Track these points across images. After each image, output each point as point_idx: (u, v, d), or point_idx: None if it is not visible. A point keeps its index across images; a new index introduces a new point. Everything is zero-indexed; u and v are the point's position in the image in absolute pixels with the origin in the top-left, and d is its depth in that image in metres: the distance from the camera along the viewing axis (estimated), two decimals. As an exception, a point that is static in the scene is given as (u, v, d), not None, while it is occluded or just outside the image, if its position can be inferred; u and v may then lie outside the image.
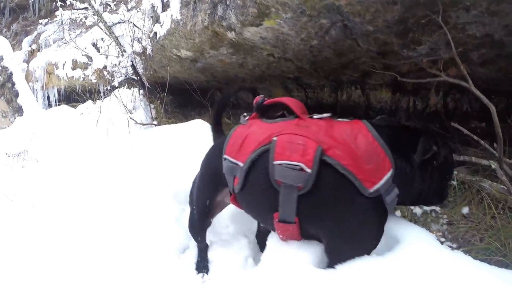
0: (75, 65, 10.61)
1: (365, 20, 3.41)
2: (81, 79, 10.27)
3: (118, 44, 7.09)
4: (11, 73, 8.02)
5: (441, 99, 5.23)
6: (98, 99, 10.03)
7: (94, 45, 10.29)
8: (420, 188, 1.96)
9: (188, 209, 2.95)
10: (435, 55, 3.62)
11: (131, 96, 7.48)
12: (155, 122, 6.51)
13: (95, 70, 9.97)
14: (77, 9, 7.46)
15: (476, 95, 2.79)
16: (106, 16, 6.95)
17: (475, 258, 1.84)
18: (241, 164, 2.03)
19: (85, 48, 10.22)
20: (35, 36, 14.13)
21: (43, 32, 13.79)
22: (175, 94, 7.55)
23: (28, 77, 12.36)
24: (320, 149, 1.79)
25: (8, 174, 6.02)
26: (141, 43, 7.06)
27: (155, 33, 6.21)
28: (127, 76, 7.24)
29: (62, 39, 13.09)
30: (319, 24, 3.74)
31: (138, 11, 7.22)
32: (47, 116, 8.46)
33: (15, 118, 8.05)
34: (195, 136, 4.69)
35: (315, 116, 2.11)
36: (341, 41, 4.03)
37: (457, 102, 4.92)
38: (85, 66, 10.24)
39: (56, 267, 3.04)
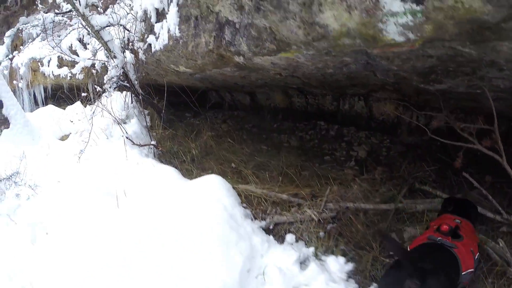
0: (61, 63, 10.04)
1: (392, 64, 3.04)
2: (68, 77, 9.73)
3: (108, 50, 6.58)
4: (-6, 82, 7.48)
5: (445, 116, 5.05)
6: (88, 100, 9.55)
7: (81, 40, 9.69)
8: None
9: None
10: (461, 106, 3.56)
11: (123, 103, 7.02)
12: (153, 142, 6.07)
13: (82, 68, 9.43)
14: (60, 13, 6.88)
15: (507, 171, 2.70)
16: (93, 19, 6.41)
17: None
18: None
19: (71, 44, 9.65)
20: (18, 30, 13.40)
21: (26, 24, 13.07)
22: (168, 95, 7.15)
23: (12, 74, 11.75)
24: None
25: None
26: (133, 47, 6.59)
27: (150, 45, 5.73)
28: (119, 83, 6.76)
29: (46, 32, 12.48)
30: (341, 60, 3.34)
31: (128, 14, 6.70)
32: (35, 127, 8.01)
33: (1, 131, 7.56)
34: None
35: None
36: (359, 72, 3.68)
37: (461, 121, 4.82)
38: (72, 64, 9.67)
39: None
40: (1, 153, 7.25)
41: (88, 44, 9.03)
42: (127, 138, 5.83)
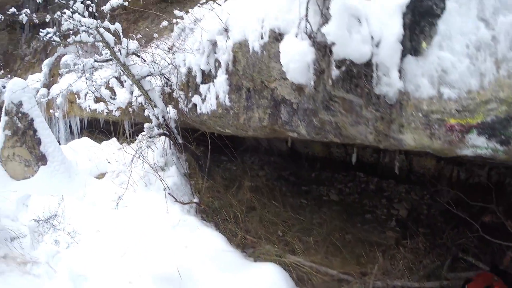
0: (98, 98, 10.11)
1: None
2: (105, 113, 9.79)
3: (148, 99, 6.59)
4: (32, 120, 7.54)
5: (486, 172, 5.02)
6: (123, 137, 9.58)
7: (118, 78, 9.77)
8: None
9: None
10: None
11: (162, 150, 6.99)
12: (195, 200, 6.02)
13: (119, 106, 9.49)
14: (100, 61, 6.94)
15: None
16: (134, 68, 6.44)
17: None
18: None
19: (108, 81, 9.73)
20: (55, 59, 13.63)
21: (64, 54, 13.28)
22: (203, 138, 7.11)
23: (49, 103, 11.88)
24: None
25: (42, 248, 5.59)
26: (173, 94, 6.60)
27: (195, 105, 5.70)
28: (159, 132, 6.75)
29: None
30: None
31: (169, 64, 6.71)
32: (72, 164, 8.03)
33: (38, 167, 7.61)
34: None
35: None
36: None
37: (500, 176, 4.77)
38: (109, 100, 9.73)
39: None
40: (38, 190, 7.27)
41: (125, 82, 9.10)
42: (169, 194, 5.79)
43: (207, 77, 5.52)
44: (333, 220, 6.08)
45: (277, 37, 3.98)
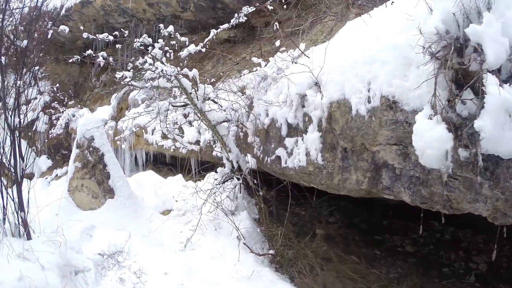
0: (165, 134, 10.09)
1: None
2: (172, 150, 9.69)
3: (223, 144, 6.39)
4: (102, 155, 7.49)
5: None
6: (188, 174, 9.43)
7: (186, 116, 9.72)
8: None
9: None
10: None
11: (233, 193, 6.72)
12: (272, 252, 5.67)
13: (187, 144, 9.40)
14: (175, 106, 6.82)
15: None
16: (211, 115, 6.28)
17: None
18: None
19: (176, 119, 9.68)
20: (124, 93, 13.86)
21: (132, 90, 13.48)
22: (271, 183, 6.78)
23: (117, 135, 12.01)
24: None
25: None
26: (248, 143, 6.37)
27: (278, 157, 5.42)
28: (231, 176, 6.52)
29: (150, 99, 12.77)
30: None
31: (246, 112, 6.54)
32: (138, 198, 7.89)
33: (105, 200, 7.50)
34: None
35: None
36: None
37: None
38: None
39: None
40: (104, 222, 7.14)
41: (194, 121, 8.98)
42: (244, 244, 5.46)
43: (294, 130, 5.23)
44: (410, 275, 5.60)
45: (391, 105, 3.66)
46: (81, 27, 13.81)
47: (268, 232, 6.30)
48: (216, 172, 7.69)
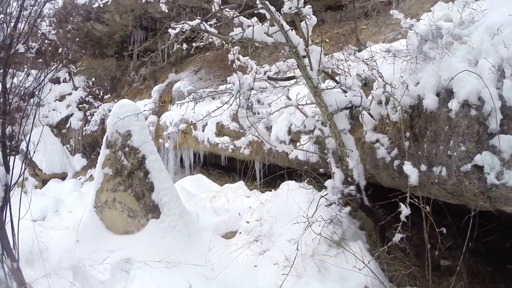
0: (221, 131, 7.72)
1: None
2: (230, 149, 7.34)
3: (341, 144, 3.94)
4: (143, 158, 5.17)
5: None
6: (252, 180, 7.02)
7: (250, 107, 7.31)
8: None
9: None
10: None
11: (333, 215, 4.27)
12: None
13: (250, 142, 7.00)
14: (273, 79, 4.40)
15: None
16: (329, 96, 3.82)
17: None
18: None
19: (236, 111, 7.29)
20: (166, 85, 11.61)
21: (176, 81, 11.20)
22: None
23: (159, 132, 9.78)
24: None
25: None
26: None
27: (479, 168, 3.00)
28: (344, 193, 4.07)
29: (199, 91, 10.44)
30: None
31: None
32: (193, 217, 5.55)
33: (147, 221, 5.19)
34: None
35: None
36: None
37: None
38: (236, 135, 7.28)
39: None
40: (144, 252, 4.89)
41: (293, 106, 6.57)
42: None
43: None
44: None
45: None
46: (118, 19, 12.05)
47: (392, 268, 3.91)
48: (295, 180, 5.43)
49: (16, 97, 4.28)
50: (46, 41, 14.56)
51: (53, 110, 14.24)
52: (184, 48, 4.47)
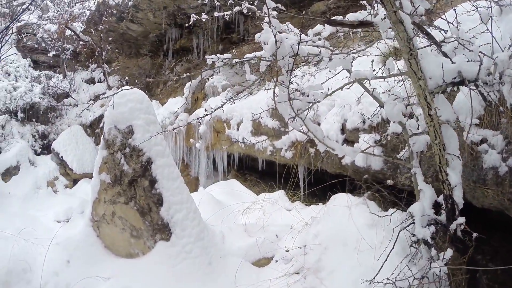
0: (258, 129, 6.28)
1: None
2: (268, 151, 5.89)
3: (440, 146, 2.41)
4: (148, 161, 3.78)
5: None
6: (295, 189, 5.55)
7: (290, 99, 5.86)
8: None
9: None
10: None
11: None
12: None
13: (293, 142, 5.53)
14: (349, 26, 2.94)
15: None
16: (429, 61, 2.32)
17: None
18: None
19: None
20: (199, 82, 10.33)
21: (209, 77, 9.90)
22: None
23: (190, 131, 8.49)
24: None
25: None
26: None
27: None
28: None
29: (233, 86, 9.14)
30: None
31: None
32: (217, 238, 4.14)
33: (155, 242, 3.81)
34: None
35: None
36: None
37: None
38: (276, 134, 5.83)
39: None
40: (149, 283, 3.59)
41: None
42: None
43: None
44: None
45: None
46: (152, 17, 11.25)
47: None
48: (350, 192, 4.03)
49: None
50: (81, 42, 14.12)
51: (87, 110, 13.47)
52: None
